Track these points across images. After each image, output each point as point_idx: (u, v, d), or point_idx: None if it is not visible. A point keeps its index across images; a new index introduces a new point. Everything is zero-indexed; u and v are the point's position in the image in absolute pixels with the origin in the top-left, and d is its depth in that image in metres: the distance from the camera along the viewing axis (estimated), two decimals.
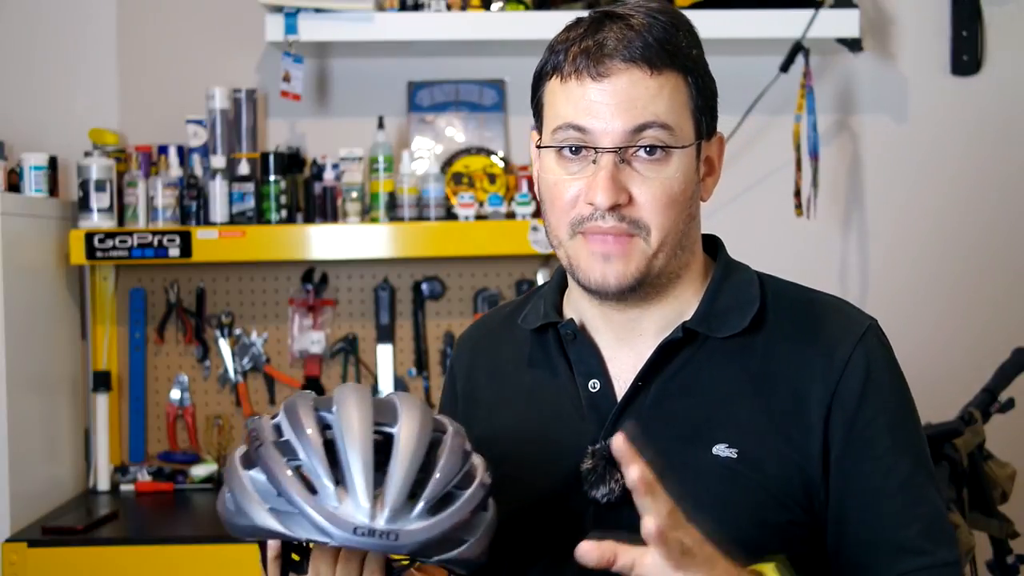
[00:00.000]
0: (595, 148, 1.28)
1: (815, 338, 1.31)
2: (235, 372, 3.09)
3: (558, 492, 1.33)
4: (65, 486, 2.92)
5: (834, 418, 1.29)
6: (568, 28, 1.33)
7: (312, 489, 1.12)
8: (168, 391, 3.09)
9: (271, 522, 1.12)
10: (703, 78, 1.32)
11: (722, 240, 1.43)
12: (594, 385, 1.35)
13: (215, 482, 3.00)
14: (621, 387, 1.34)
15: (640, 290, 1.31)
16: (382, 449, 1.14)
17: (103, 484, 3.00)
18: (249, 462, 1.16)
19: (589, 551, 1.08)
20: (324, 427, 1.15)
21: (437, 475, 1.14)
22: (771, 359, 1.31)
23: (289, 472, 1.12)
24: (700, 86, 1.31)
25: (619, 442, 1.09)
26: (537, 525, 1.35)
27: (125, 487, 2.99)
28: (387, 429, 1.15)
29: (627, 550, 1.09)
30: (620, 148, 1.27)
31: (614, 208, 1.27)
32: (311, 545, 1.21)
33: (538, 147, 1.35)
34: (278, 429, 1.17)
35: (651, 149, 1.28)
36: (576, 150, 1.29)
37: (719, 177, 1.39)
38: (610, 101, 1.27)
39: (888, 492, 1.28)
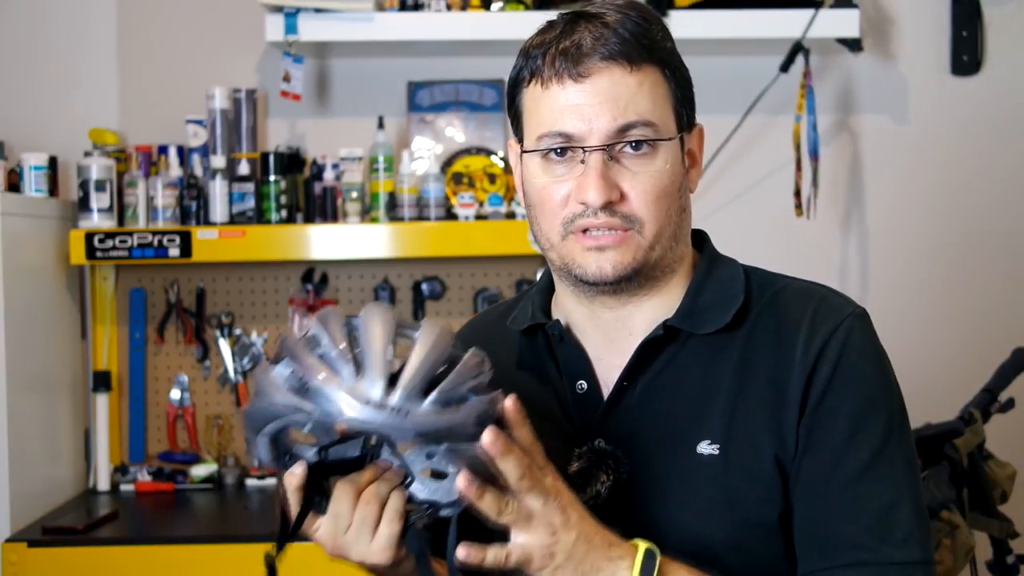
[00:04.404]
0: (582, 148, 1.27)
1: (796, 328, 1.30)
2: (235, 372, 3.09)
3: None
4: (65, 486, 2.92)
5: (806, 407, 1.27)
6: (541, 31, 1.33)
7: (333, 374, 1.15)
8: (168, 391, 3.10)
9: (289, 397, 1.15)
10: (679, 70, 1.32)
11: (708, 234, 1.42)
12: (581, 387, 1.35)
13: (215, 482, 3.00)
14: (608, 388, 1.34)
15: (636, 280, 1.30)
16: (404, 365, 1.16)
17: (103, 484, 3.00)
18: (276, 360, 1.19)
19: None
20: (350, 329, 1.19)
21: (452, 375, 1.16)
22: (751, 352, 1.30)
23: (312, 357, 1.16)
24: (678, 78, 1.31)
25: (508, 405, 1.16)
26: None
27: (125, 487, 2.99)
28: (408, 332, 1.18)
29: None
30: (607, 145, 1.27)
31: (606, 205, 1.27)
32: (333, 484, 1.22)
33: (523, 153, 1.34)
34: (306, 332, 1.21)
35: (637, 144, 1.27)
36: (562, 152, 1.28)
37: (702, 169, 1.39)
38: (592, 101, 1.26)
39: (835, 484, 1.24)
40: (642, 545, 1.20)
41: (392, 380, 1.14)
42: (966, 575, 2.27)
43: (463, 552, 1.16)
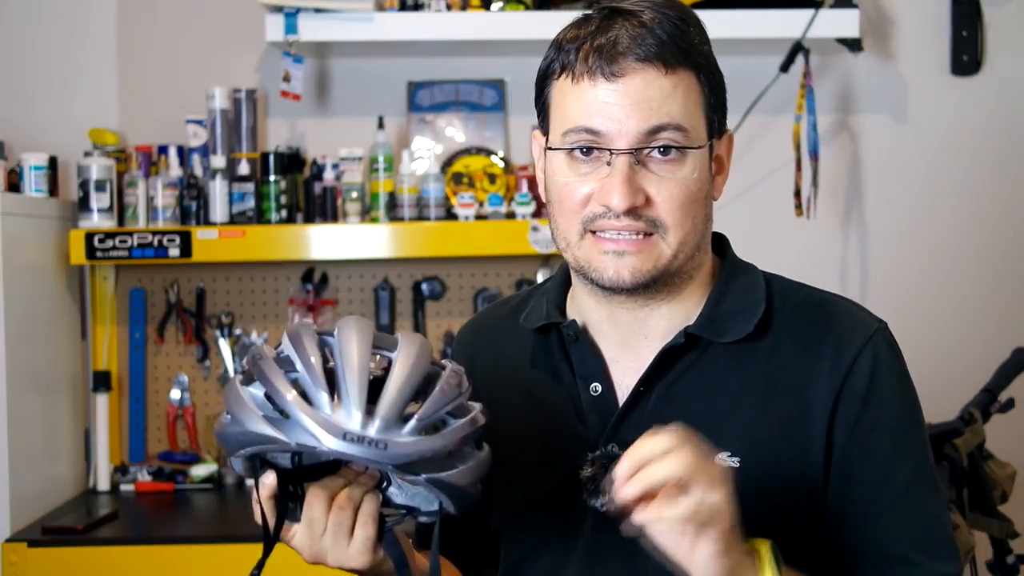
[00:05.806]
0: (609, 150, 1.24)
1: (822, 341, 1.28)
2: (235, 372, 3.08)
3: (557, 497, 1.32)
4: (65, 486, 2.92)
5: (837, 422, 1.26)
6: (577, 25, 1.29)
7: (308, 400, 1.13)
8: (168, 391, 3.09)
9: (265, 427, 1.13)
10: (714, 75, 1.29)
11: (728, 239, 1.40)
12: (595, 389, 1.33)
13: (215, 482, 2.99)
14: (623, 392, 1.32)
15: (654, 287, 1.28)
16: (380, 380, 1.15)
17: (103, 484, 3.00)
18: (248, 379, 1.17)
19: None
20: (324, 348, 1.17)
21: (430, 400, 1.14)
22: (776, 364, 1.28)
23: (285, 382, 1.14)
24: (712, 83, 1.29)
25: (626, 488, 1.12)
26: (536, 529, 1.34)
27: (125, 487, 2.99)
28: (386, 353, 1.16)
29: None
30: (635, 149, 1.24)
31: (630, 210, 1.24)
32: (306, 489, 1.21)
33: (547, 149, 1.31)
34: (279, 349, 1.18)
35: (666, 150, 1.24)
36: (588, 151, 1.26)
37: (728, 175, 1.36)
38: (623, 102, 1.23)
39: (885, 501, 1.26)
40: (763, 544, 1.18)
41: (370, 399, 1.12)
42: (966, 575, 2.27)
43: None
